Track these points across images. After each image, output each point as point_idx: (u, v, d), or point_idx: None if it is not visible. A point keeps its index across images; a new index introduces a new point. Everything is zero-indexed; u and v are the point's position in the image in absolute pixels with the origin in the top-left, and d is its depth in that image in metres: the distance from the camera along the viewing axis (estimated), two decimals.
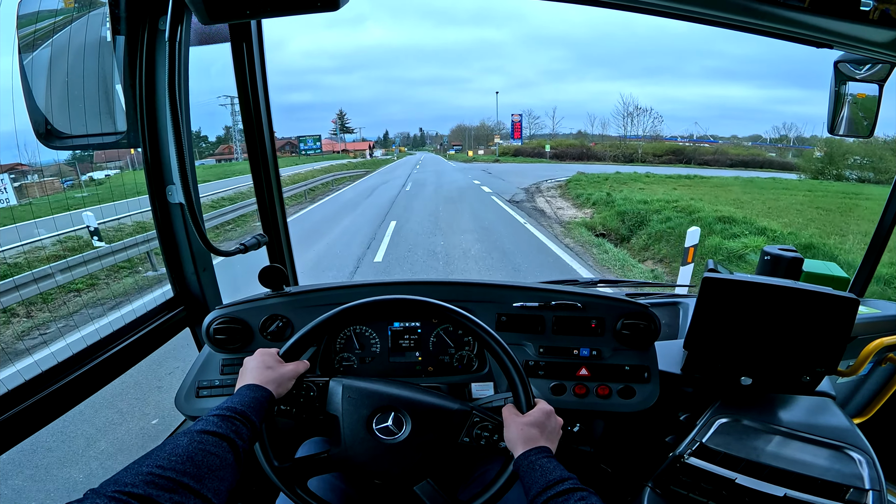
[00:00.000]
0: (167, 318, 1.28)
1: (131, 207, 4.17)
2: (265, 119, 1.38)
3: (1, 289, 3.68)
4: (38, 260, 4.78)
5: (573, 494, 0.70)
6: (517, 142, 54.12)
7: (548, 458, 0.78)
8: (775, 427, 1.04)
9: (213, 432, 0.67)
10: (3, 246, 4.20)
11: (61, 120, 1.11)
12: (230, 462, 0.66)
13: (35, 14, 1.08)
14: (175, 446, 0.63)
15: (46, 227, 4.41)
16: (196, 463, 0.61)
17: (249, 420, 0.74)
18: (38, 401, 0.96)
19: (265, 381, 0.83)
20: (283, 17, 0.98)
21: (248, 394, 0.79)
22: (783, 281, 1.03)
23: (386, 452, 0.86)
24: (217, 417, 0.71)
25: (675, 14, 1.15)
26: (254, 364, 0.87)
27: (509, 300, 1.19)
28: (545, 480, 0.74)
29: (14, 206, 5.37)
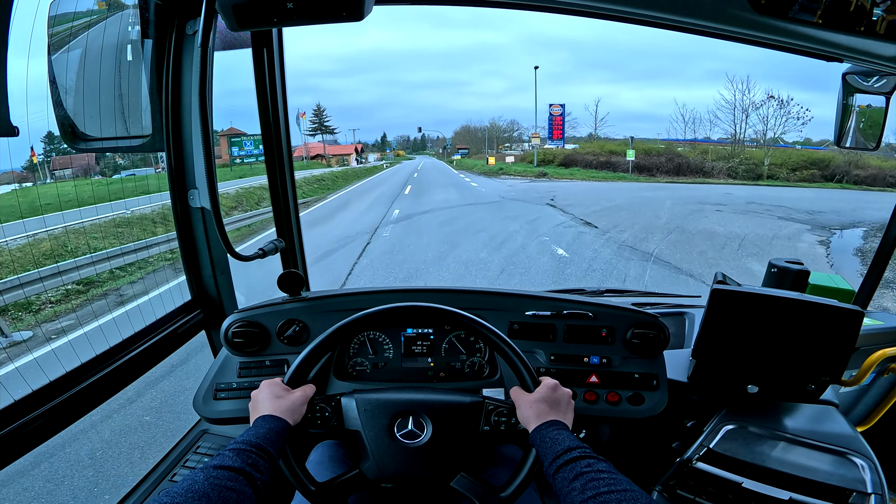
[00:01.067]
0: (185, 321, 1.30)
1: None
2: (283, 125, 1.40)
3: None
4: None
5: (581, 461, 0.73)
6: (556, 143, 33.96)
7: (557, 429, 0.81)
8: (780, 434, 1.07)
9: (229, 467, 0.68)
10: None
11: (87, 121, 1.13)
12: (249, 495, 0.67)
13: (67, 14, 1.10)
14: (192, 482, 0.63)
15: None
16: (212, 499, 0.62)
17: (266, 452, 0.74)
18: (60, 403, 0.98)
19: (279, 411, 0.83)
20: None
21: (264, 425, 0.79)
22: (790, 293, 1.06)
23: (415, 456, 0.88)
24: (232, 452, 0.71)
25: (685, 28, 1.18)
26: (263, 396, 0.87)
27: (521, 309, 1.21)
28: (554, 451, 0.77)
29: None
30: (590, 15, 1.22)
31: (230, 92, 2.65)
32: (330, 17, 0.97)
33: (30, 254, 4.63)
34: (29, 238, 4.52)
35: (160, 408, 3.19)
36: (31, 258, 4.62)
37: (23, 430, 0.90)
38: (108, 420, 2.99)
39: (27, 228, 4.27)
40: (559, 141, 34.08)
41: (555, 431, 0.81)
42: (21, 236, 4.47)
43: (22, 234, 4.43)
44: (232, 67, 1.41)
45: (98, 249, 5.43)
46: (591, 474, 0.70)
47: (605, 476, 0.70)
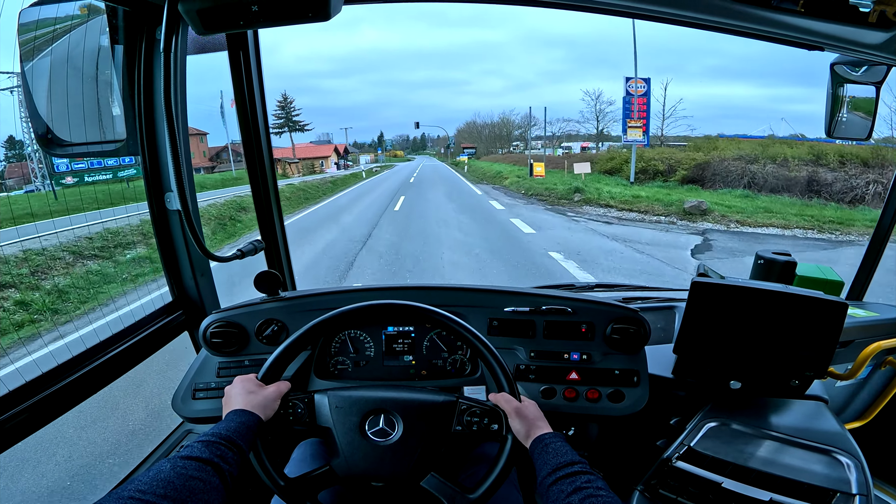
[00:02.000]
0: (166, 321, 1.31)
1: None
2: (262, 126, 1.40)
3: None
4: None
5: (581, 476, 0.75)
6: (634, 139, 17.14)
7: (562, 442, 0.83)
8: (765, 431, 1.05)
9: (197, 458, 0.69)
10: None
11: (62, 127, 1.13)
12: (216, 485, 0.67)
13: (35, 22, 1.11)
14: (158, 472, 0.65)
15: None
16: (177, 487, 0.63)
17: (235, 444, 0.75)
18: (38, 402, 0.98)
19: (251, 406, 0.84)
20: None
21: (235, 419, 0.80)
22: (772, 285, 1.03)
23: (385, 454, 0.88)
24: (201, 443, 0.72)
25: (669, 19, 1.16)
26: (236, 391, 0.88)
27: (501, 305, 1.20)
28: (557, 461, 0.78)
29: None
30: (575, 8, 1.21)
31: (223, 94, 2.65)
32: (296, 17, 0.97)
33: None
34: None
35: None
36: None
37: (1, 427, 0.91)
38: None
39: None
40: (642, 137, 17.46)
41: (559, 443, 0.83)
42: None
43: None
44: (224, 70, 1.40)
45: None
46: (591, 490, 0.72)
47: (603, 494, 0.72)
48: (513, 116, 53.61)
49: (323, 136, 59.88)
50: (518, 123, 52.19)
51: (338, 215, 13.25)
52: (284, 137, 42.44)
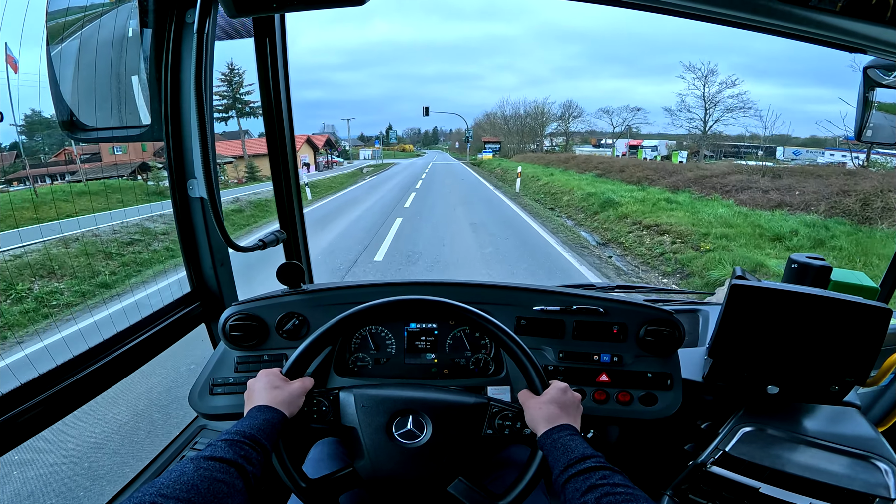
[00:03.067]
0: (184, 313, 1.28)
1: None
2: (286, 116, 1.38)
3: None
4: None
5: (596, 472, 0.69)
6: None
7: (571, 435, 0.78)
8: (800, 436, 1.02)
9: (221, 458, 0.66)
10: None
11: (86, 112, 1.11)
12: (239, 488, 0.64)
13: (65, 7, 1.09)
14: (181, 473, 0.62)
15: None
16: (201, 490, 0.60)
17: (260, 444, 0.72)
18: (56, 393, 0.96)
19: (275, 402, 0.81)
20: (291, 13, 0.98)
21: (259, 416, 0.77)
22: (813, 290, 1.01)
23: (412, 457, 0.85)
24: (225, 443, 0.69)
25: (702, 16, 1.14)
26: (260, 385, 0.85)
27: (529, 303, 1.17)
28: (567, 458, 0.73)
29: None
30: (603, 2, 1.19)
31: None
32: (331, 1, 0.95)
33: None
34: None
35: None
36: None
37: (19, 419, 0.89)
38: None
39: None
40: None
41: (568, 437, 0.77)
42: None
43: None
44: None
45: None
46: (607, 487, 0.66)
47: (620, 490, 0.66)
48: (547, 106, 45.04)
49: (328, 127, 57.11)
50: (554, 114, 44.01)
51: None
52: (252, 127, 29.02)
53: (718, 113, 24.70)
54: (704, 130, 24.47)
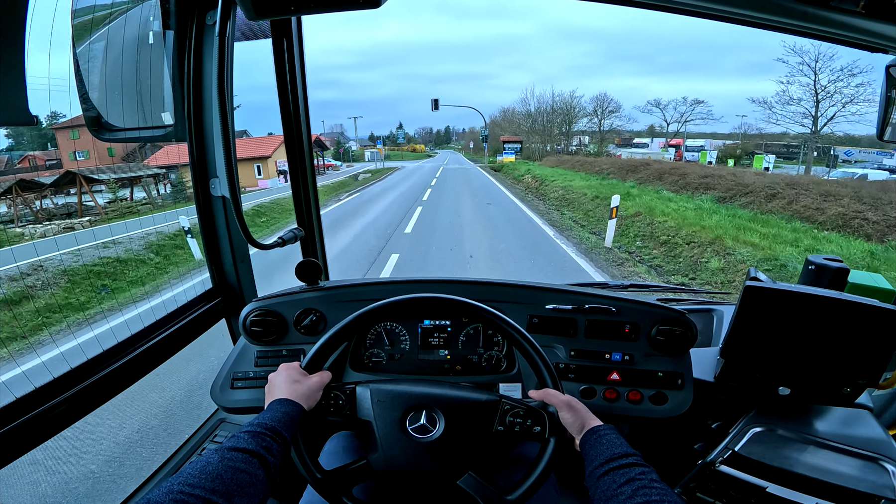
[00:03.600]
0: (206, 308, 1.32)
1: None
2: (303, 115, 1.40)
3: None
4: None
5: (636, 468, 0.74)
6: None
7: (616, 434, 0.83)
8: (810, 437, 1.03)
9: (244, 449, 0.69)
10: None
11: (112, 113, 1.14)
12: (261, 478, 0.67)
13: (91, 7, 1.12)
14: (206, 464, 0.64)
15: None
16: (225, 481, 0.63)
17: (280, 436, 0.75)
18: (85, 388, 1.00)
19: (295, 396, 0.84)
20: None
21: (279, 409, 0.80)
22: (828, 291, 1.00)
23: (424, 451, 0.87)
24: (248, 434, 0.72)
25: (721, 16, 1.13)
26: (280, 379, 0.88)
27: (541, 302, 1.19)
28: (610, 453, 0.78)
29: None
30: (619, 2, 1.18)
31: (253, 87, 2.65)
32: (347, 3, 0.96)
33: None
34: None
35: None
36: None
37: (48, 414, 0.93)
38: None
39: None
40: None
41: (614, 435, 0.82)
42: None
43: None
44: (254, 61, 1.40)
45: None
46: (644, 481, 0.71)
47: (657, 486, 0.70)
48: (576, 100, 37.25)
49: (335, 127, 53.06)
50: (584, 109, 36.55)
51: None
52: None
53: (834, 107, 18.27)
54: (815, 128, 18.52)
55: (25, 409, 0.90)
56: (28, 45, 0.84)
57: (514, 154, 34.28)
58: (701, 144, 32.01)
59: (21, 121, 0.80)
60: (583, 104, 37.18)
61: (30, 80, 0.84)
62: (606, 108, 35.39)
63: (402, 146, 68.22)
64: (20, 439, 0.87)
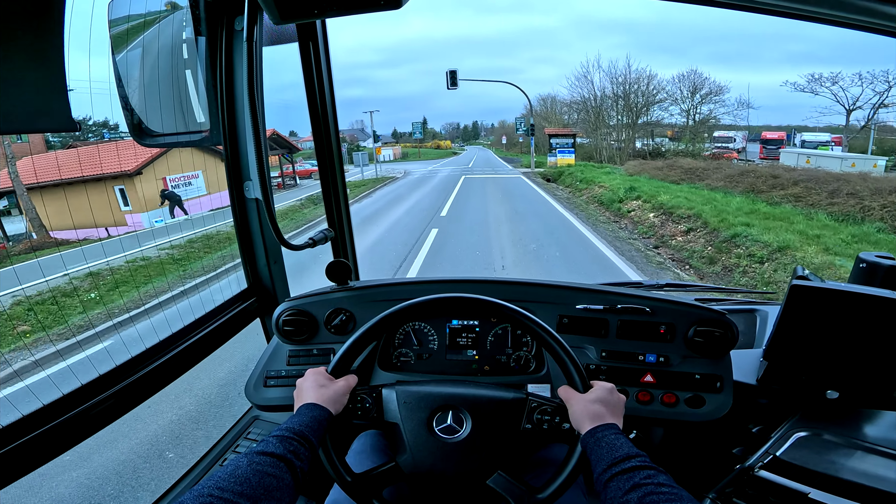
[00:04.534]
0: (241, 308, 1.36)
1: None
2: (331, 117, 1.42)
3: None
4: None
5: (640, 472, 0.69)
6: None
7: (616, 434, 0.78)
8: (858, 442, 0.98)
9: (272, 453, 0.70)
10: None
11: (152, 118, 1.19)
12: (288, 482, 0.68)
13: (125, 17, 1.16)
14: (236, 467, 0.66)
15: None
16: (253, 484, 0.64)
17: (308, 440, 0.76)
18: (127, 385, 1.04)
19: (322, 400, 0.85)
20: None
21: (308, 413, 0.81)
22: (879, 291, 0.95)
23: (452, 452, 0.87)
24: (276, 439, 0.74)
25: (749, 7, 1.07)
26: (308, 384, 0.89)
27: (572, 302, 1.17)
28: (612, 457, 0.73)
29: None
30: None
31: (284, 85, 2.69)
32: (369, 6, 0.97)
33: None
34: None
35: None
36: None
37: (92, 411, 0.97)
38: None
39: None
40: None
41: (612, 435, 0.77)
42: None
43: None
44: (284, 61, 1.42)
45: None
46: (650, 486, 0.66)
47: (665, 490, 0.65)
48: (652, 81, 25.88)
49: (356, 123, 48.38)
50: (669, 92, 25.23)
51: None
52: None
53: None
54: None
55: (72, 405, 0.94)
56: (68, 51, 0.87)
57: (569, 154, 22.68)
58: (825, 139, 21.96)
59: (64, 127, 0.84)
60: (662, 85, 26.05)
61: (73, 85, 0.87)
62: (701, 91, 23.36)
63: (425, 143, 62.17)
64: (68, 433, 0.92)
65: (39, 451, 0.87)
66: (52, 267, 4.65)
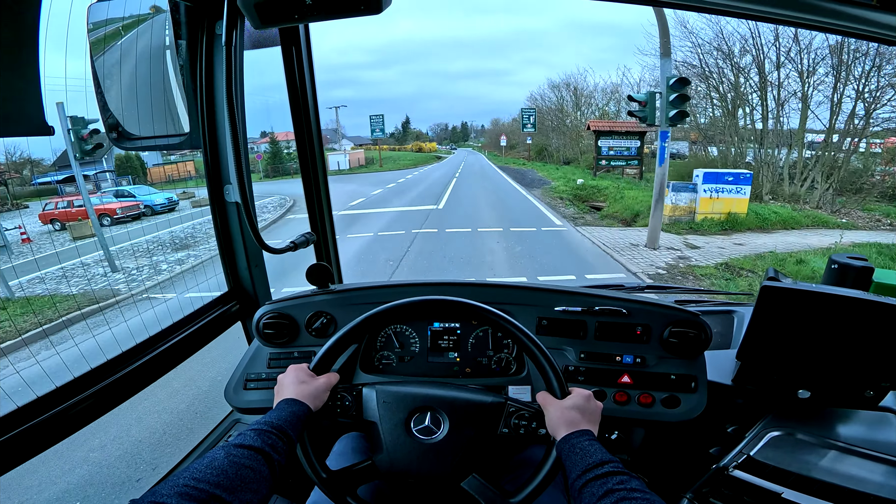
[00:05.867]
0: (222, 311, 1.36)
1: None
2: (314, 121, 1.42)
3: None
4: None
5: (612, 477, 0.70)
6: None
7: (590, 440, 0.78)
8: (831, 441, 0.99)
9: (250, 446, 0.70)
10: None
11: (131, 121, 1.19)
12: (265, 475, 0.69)
13: (104, 20, 1.16)
14: (212, 459, 0.66)
15: None
16: (229, 476, 0.64)
17: (286, 434, 0.76)
18: (105, 387, 1.04)
19: (302, 396, 0.86)
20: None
21: (286, 408, 0.82)
22: (848, 291, 0.96)
23: (428, 452, 0.88)
24: (254, 432, 0.74)
25: (733, 12, 1.09)
26: (289, 380, 0.90)
27: (551, 304, 1.18)
28: (585, 463, 0.74)
29: None
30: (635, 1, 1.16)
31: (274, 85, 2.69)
32: (349, 11, 0.98)
33: None
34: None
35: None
36: None
37: (70, 412, 0.96)
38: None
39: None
40: None
41: (586, 442, 0.78)
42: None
43: None
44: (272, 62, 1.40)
45: None
46: (623, 492, 0.66)
47: (637, 496, 0.66)
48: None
49: (330, 123, 40.62)
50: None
51: None
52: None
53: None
54: None
55: (49, 406, 0.93)
56: (44, 54, 0.87)
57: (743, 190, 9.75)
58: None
59: (37, 131, 0.84)
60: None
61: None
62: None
63: (405, 145, 52.53)
64: (43, 435, 0.91)
65: (13, 453, 0.86)
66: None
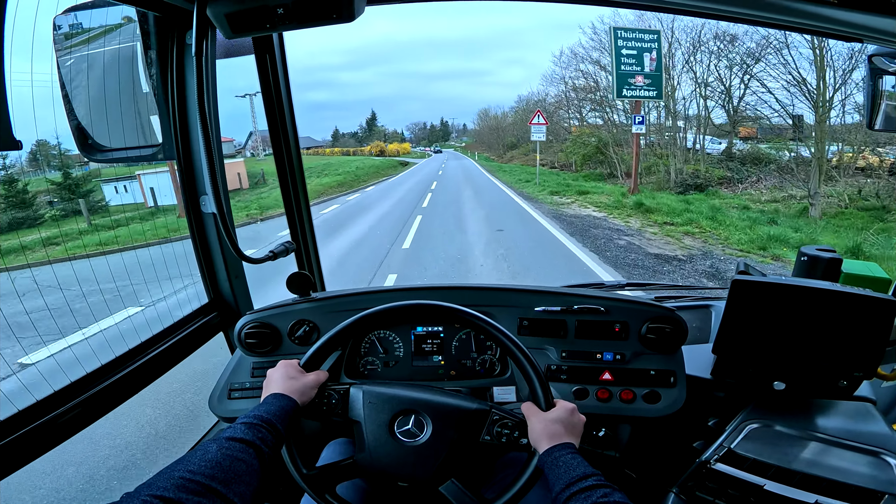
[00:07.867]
0: (202, 322, 1.34)
1: None
2: (290, 128, 1.41)
3: None
4: None
5: (596, 491, 0.70)
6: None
7: (572, 454, 0.79)
8: (810, 433, 1.02)
9: (241, 439, 0.71)
10: None
11: (101, 133, 1.16)
12: (256, 468, 0.69)
13: (70, 27, 1.13)
14: (205, 452, 0.66)
15: None
16: (224, 468, 0.64)
17: (275, 428, 0.77)
18: (81, 402, 1.01)
19: (289, 391, 0.86)
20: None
21: (275, 402, 0.82)
22: (817, 282, 0.99)
23: (409, 455, 0.88)
24: (244, 425, 0.74)
25: (703, 13, 1.13)
26: (277, 375, 0.90)
27: (531, 304, 1.19)
28: (569, 476, 0.74)
29: None
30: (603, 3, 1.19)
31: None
32: (321, 19, 0.98)
33: None
34: None
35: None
36: None
37: (56, 422, 0.94)
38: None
39: None
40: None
41: (569, 455, 0.79)
42: None
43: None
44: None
45: None
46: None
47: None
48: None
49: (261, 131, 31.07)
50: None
51: None
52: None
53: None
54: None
55: (30, 419, 0.91)
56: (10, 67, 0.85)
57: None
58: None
59: (5, 146, 0.81)
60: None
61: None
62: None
63: (362, 147, 43.13)
64: (24, 449, 0.89)
65: None
66: None
